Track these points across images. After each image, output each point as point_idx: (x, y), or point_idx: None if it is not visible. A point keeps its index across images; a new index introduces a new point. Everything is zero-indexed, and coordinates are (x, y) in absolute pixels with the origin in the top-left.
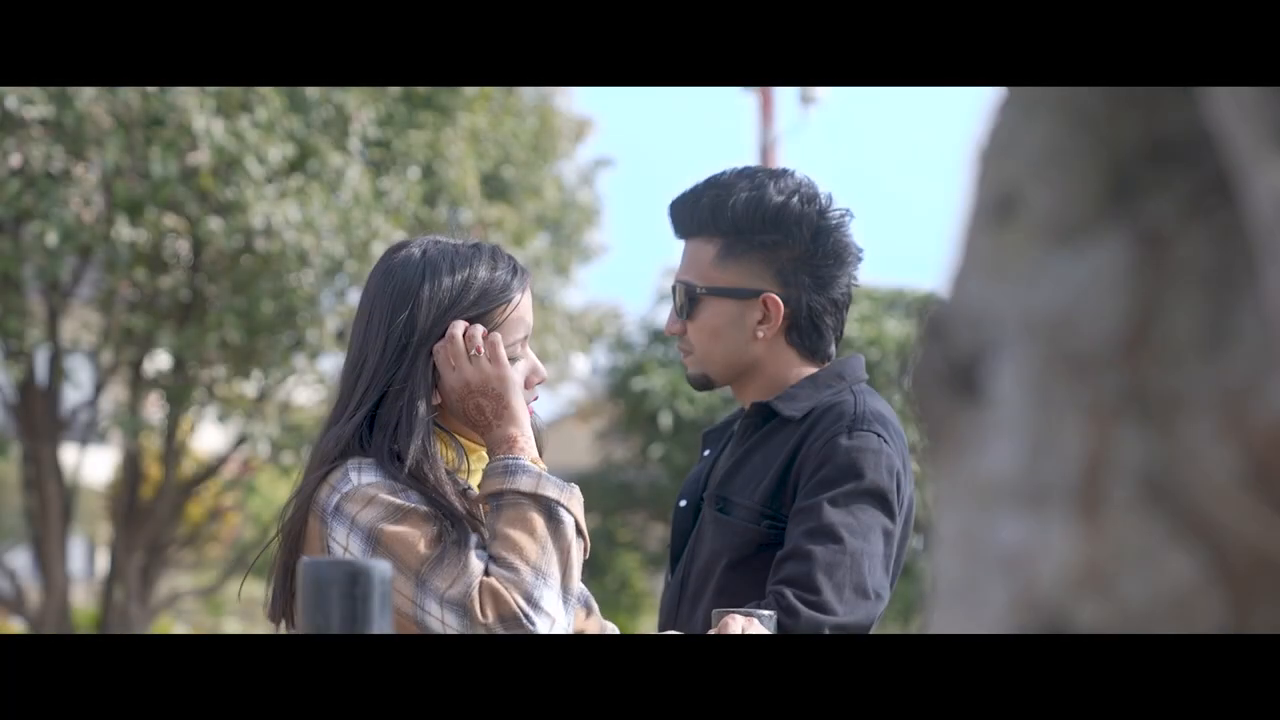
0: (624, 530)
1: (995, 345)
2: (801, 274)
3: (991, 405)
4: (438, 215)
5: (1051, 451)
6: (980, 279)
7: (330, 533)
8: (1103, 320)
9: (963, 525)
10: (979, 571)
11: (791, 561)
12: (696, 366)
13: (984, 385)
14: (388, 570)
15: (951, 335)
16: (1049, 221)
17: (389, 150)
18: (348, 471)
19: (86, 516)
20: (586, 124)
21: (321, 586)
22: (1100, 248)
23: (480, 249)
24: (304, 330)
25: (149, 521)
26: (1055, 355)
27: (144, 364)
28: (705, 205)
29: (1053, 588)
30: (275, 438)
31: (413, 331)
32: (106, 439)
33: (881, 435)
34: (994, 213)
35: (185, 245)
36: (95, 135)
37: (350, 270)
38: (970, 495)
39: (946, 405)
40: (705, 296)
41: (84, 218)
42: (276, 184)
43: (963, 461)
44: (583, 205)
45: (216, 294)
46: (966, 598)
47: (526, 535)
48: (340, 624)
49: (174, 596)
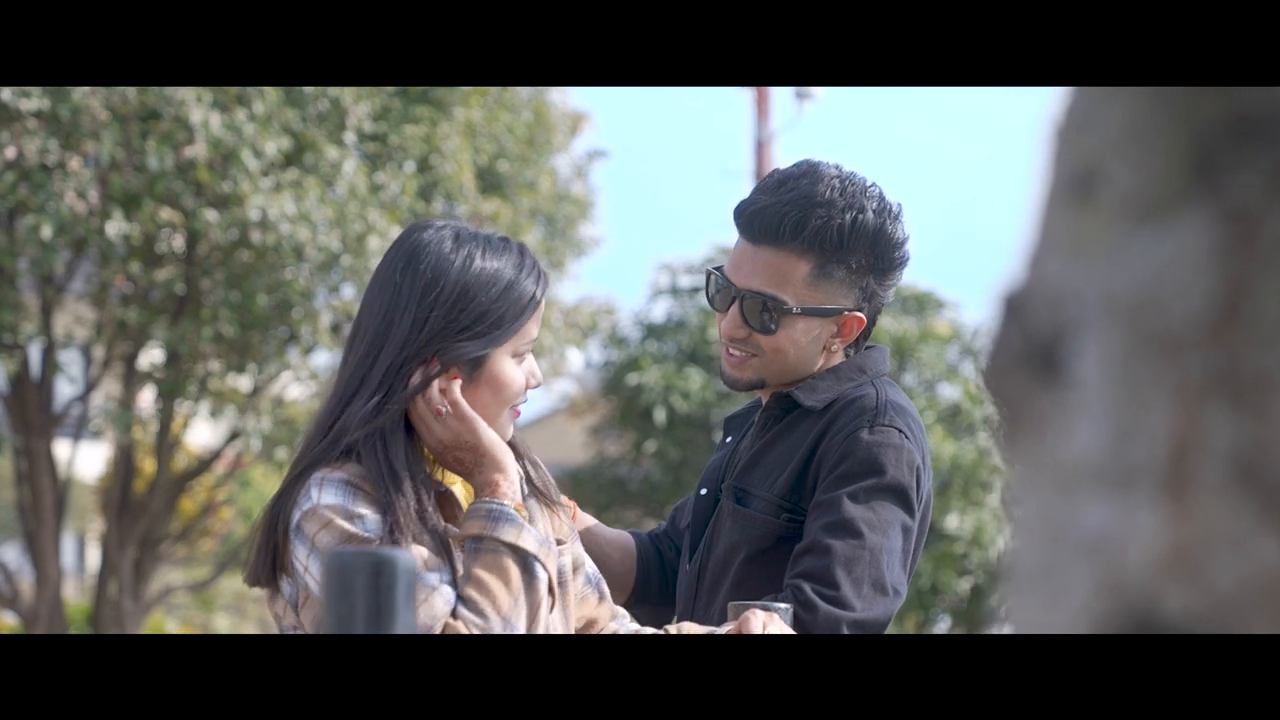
0: (617, 526)
1: (1077, 325)
2: (875, 288)
3: (1074, 386)
4: (433, 209)
5: (1137, 433)
6: (1059, 257)
7: (293, 549)
8: (1189, 300)
9: (1043, 509)
10: (1061, 556)
11: (810, 555)
12: (755, 373)
13: (1066, 366)
14: (413, 560)
15: (1030, 315)
16: (1130, 199)
17: (384, 144)
18: (310, 488)
19: (77, 512)
20: (581, 118)
21: (346, 576)
22: (1184, 226)
23: (509, 244)
24: (298, 325)
25: (142, 516)
26: (1140, 335)
27: (138, 358)
28: (803, 223)
29: (1139, 572)
30: (268, 433)
31: (441, 313)
32: (100, 434)
33: (903, 431)
34: (1072, 190)
35: (180, 239)
36: (91, 128)
37: (345, 264)
38: (1051, 478)
39: (1025, 386)
40: (796, 316)
41: (77, 210)
42: (272, 177)
43: (1043, 444)
44: (577, 198)
45: (211, 288)
46: (1047, 583)
47: (501, 585)
48: (365, 614)
49: (166, 591)
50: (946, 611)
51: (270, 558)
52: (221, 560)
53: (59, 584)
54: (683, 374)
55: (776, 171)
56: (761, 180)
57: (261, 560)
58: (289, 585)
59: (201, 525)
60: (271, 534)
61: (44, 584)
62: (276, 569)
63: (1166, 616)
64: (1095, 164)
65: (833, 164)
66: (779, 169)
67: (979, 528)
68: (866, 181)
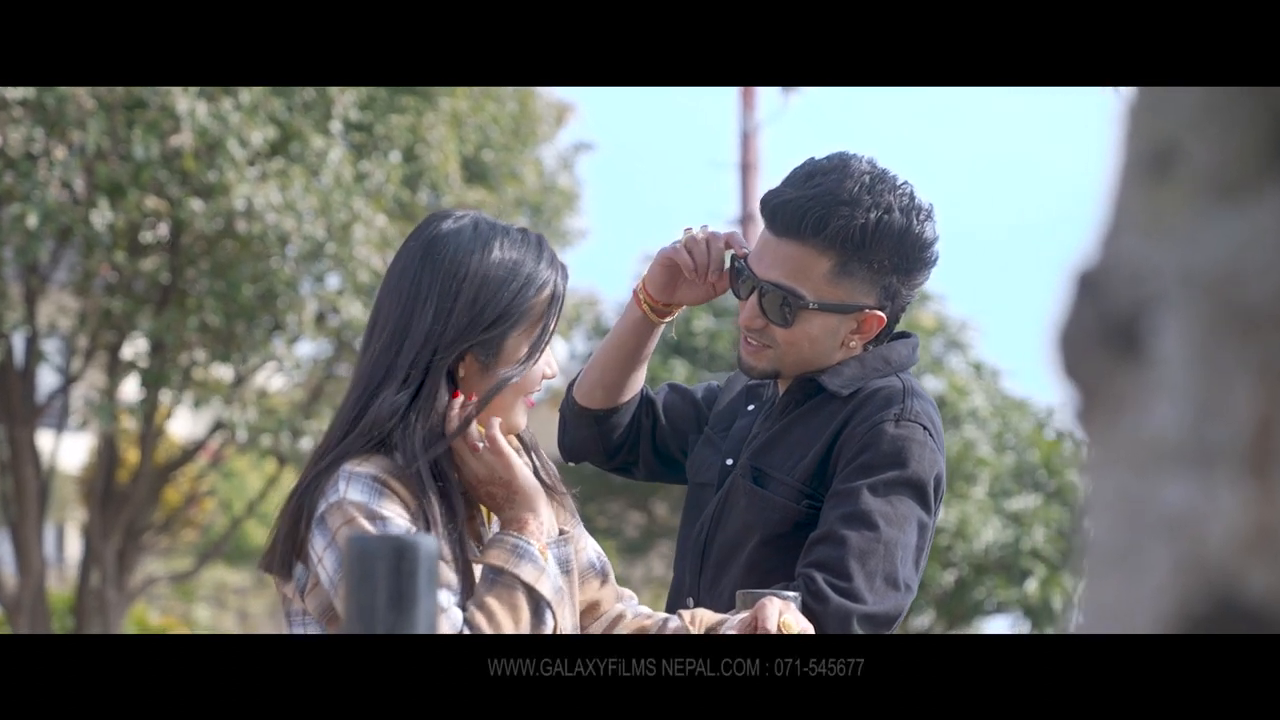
0: (601, 518)
1: (1157, 302)
2: (900, 286)
3: (1154, 364)
4: (418, 199)
5: (1219, 411)
6: (1136, 234)
7: (313, 538)
8: (1270, 277)
9: (1122, 488)
10: (1140, 535)
11: (824, 545)
12: (771, 364)
13: (1145, 343)
14: (434, 545)
15: (1107, 292)
16: (1209, 176)
17: (370, 134)
18: (338, 480)
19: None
20: (567, 109)
21: (367, 562)
22: (1264, 204)
23: (529, 235)
24: (283, 315)
25: (125, 506)
26: (1221, 313)
27: (122, 348)
28: (826, 220)
29: (1221, 552)
30: (252, 423)
31: (465, 304)
32: (84, 424)
33: (927, 428)
34: (1149, 168)
35: (165, 228)
36: (77, 117)
37: (330, 252)
38: (1131, 457)
39: (1102, 364)
40: (813, 311)
41: (63, 199)
42: (258, 167)
43: (1122, 422)
44: (563, 189)
45: (196, 277)
46: (1126, 562)
47: (510, 620)
48: (386, 600)
49: (150, 581)
50: (930, 604)
51: (291, 547)
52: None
53: (42, 574)
54: (667, 365)
55: (809, 162)
56: (792, 170)
57: (282, 549)
58: (302, 570)
59: (184, 516)
60: (295, 524)
61: (27, 574)
62: (294, 557)
63: (1249, 596)
64: (1172, 141)
65: (866, 158)
66: (812, 159)
67: (963, 520)
68: (897, 180)
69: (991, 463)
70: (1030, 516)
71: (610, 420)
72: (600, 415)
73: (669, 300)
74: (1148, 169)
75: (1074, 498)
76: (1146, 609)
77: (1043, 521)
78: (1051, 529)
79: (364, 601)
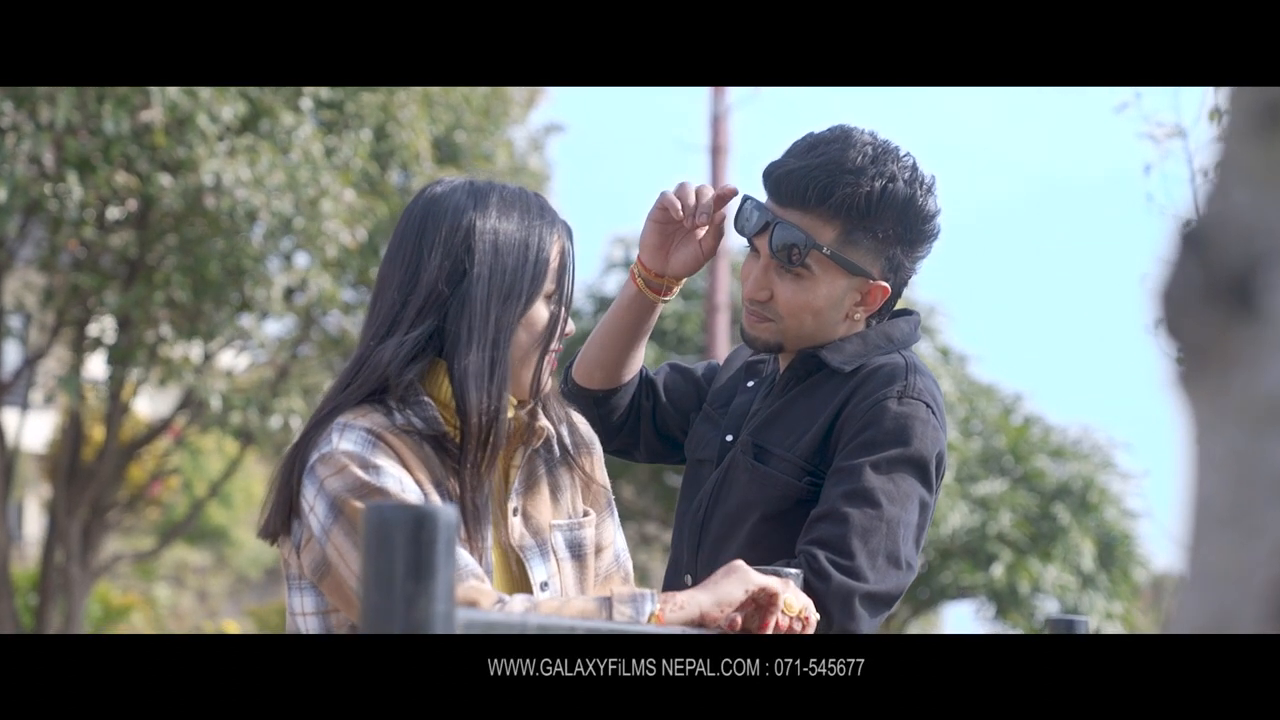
0: None
1: (1271, 258)
2: (903, 259)
3: (1268, 321)
4: (388, 178)
5: None
6: (1249, 190)
7: (302, 489)
8: None
9: (1234, 447)
10: (1255, 495)
11: (826, 522)
12: (775, 336)
13: (1259, 300)
14: (453, 515)
15: (1217, 249)
16: None
17: (341, 112)
18: (331, 432)
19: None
20: (537, 91)
21: (385, 531)
22: None
23: (525, 192)
24: (252, 290)
25: (91, 483)
26: None
27: (89, 325)
28: (831, 189)
29: None
30: (224, 395)
31: (469, 253)
32: (50, 400)
33: (931, 407)
34: (1262, 121)
35: (134, 203)
36: (46, 91)
37: (298, 227)
38: (1243, 416)
39: (1211, 322)
40: (825, 259)
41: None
42: (227, 142)
43: (1233, 380)
44: (533, 171)
45: (164, 253)
46: (1240, 523)
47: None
48: (404, 570)
49: (114, 559)
50: None
51: (286, 500)
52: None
53: (7, 551)
54: None
55: (810, 135)
56: (793, 143)
57: (277, 510)
58: (297, 526)
59: (148, 494)
60: (287, 480)
61: None
62: (290, 517)
63: None
64: None
65: (867, 130)
66: (813, 132)
67: None
68: (900, 150)
69: (958, 448)
70: (997, 501)
71: (610, 402)
72: (600, 397)
73: (663, 270)
74: (1260, 123)
75: (1041, 483)
76: (1260, 571)
77: (1009, 506)
78: (1018, 514)
79: (382, 569)
